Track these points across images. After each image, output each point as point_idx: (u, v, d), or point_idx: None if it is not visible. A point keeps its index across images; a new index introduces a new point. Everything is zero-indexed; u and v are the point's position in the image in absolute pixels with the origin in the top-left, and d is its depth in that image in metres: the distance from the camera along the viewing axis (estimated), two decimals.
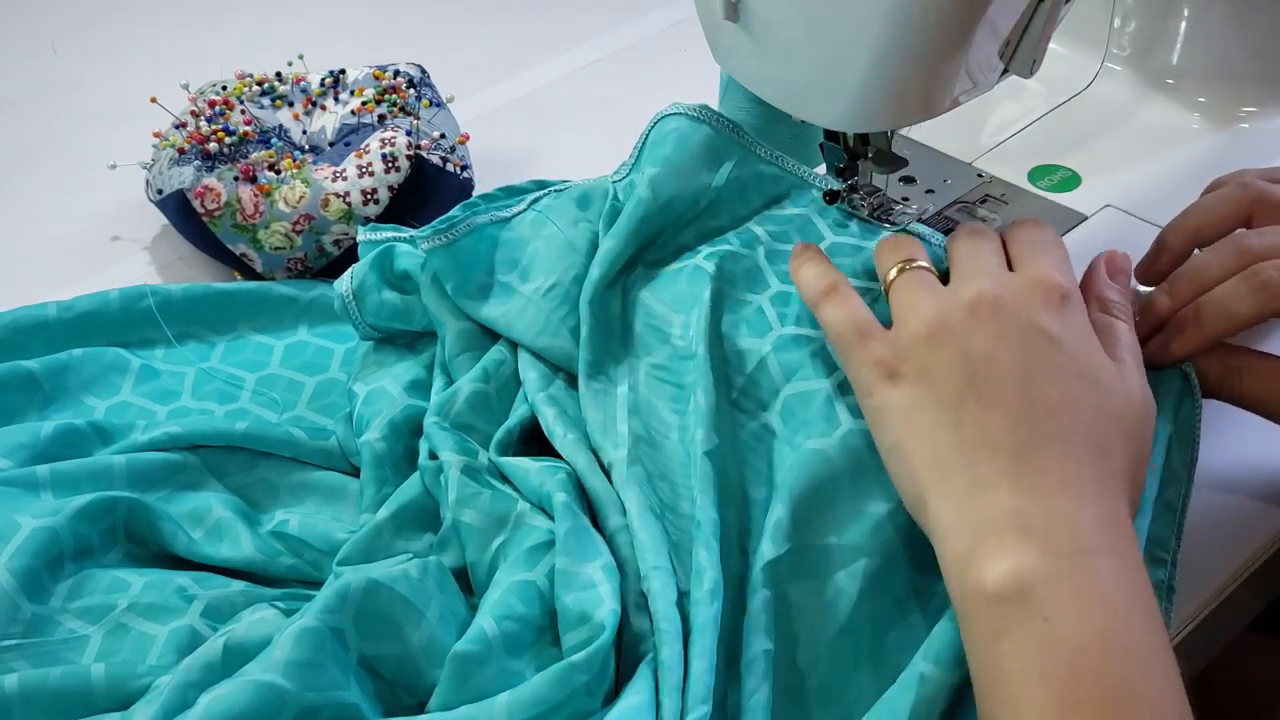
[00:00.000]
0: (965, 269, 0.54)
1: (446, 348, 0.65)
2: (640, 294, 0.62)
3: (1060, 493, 0.48)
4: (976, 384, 0.50)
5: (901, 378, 0.52)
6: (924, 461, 0.50)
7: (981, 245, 0.55)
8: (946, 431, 0.50)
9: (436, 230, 0.64)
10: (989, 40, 0.57)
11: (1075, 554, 0.47)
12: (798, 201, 0.65)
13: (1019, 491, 0.48)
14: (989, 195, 0.70)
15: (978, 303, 0.52)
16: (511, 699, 0.49)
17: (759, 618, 0.52)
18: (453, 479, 0.57)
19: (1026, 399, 0.50)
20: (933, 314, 0.52)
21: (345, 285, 0.67)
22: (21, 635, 0.55)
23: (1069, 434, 0.49)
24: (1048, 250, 0.55)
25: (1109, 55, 0.77)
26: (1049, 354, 0.51)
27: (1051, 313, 0.52)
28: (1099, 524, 0.48)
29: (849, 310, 0.55)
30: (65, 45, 1.07)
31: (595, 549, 0.54)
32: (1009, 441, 0.49)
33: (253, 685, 0.48)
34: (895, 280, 0.55)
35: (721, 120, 0.65)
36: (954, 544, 0.49)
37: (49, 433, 0.63)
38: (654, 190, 0.63)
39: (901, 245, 0.57)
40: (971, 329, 0.51)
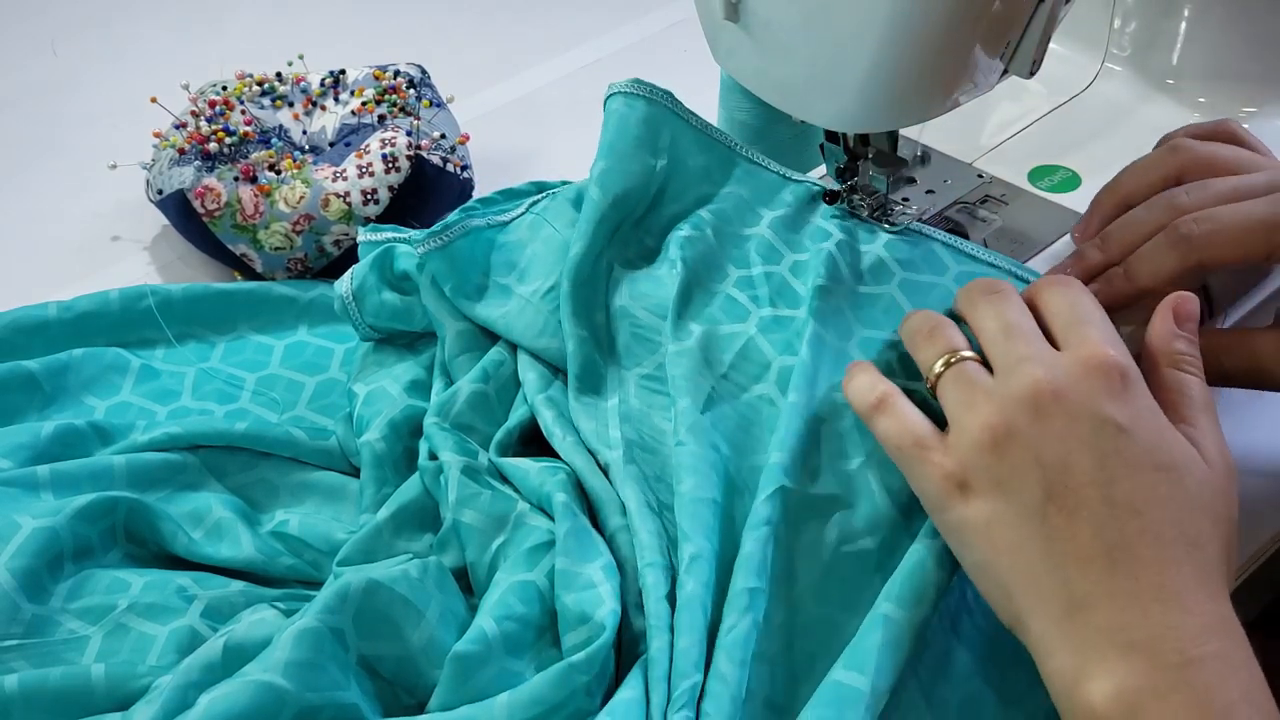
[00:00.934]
0: (1006, 350, 0.51)
1: (446, 348, 0.65)
2: (623, 303, 0.62)
3: (1159, 600, 0.46)
4: (1055, 493, 0.48)
5: (974, 491, 0.49)
6: (1016, 581, 0.48)
7: (1012, 316, 0.53)
8: (1034, 547, 0.48)
9: (431, 234, 0.64)
10: (989, 40, 0.57)
11: (1183, 667, 0.45)
12: (737, 177, 0.66)
13: (1116, 604, 0.46)
14: (989, 195, 0.70)
15: (1037, 398, 0.49)
16: (511, 699, 0.49)
17: (749, 558, 0.52)
18: (453, 479, 0.57)
19: (1109, 500, 0.48)
20: (994, 419, 0.49)
21: (345, 286, 0.67)
22: (22, 635, 0.55)
23: (1158, 531, 0.47)
24: (1091, 320, 0.52)
25: (1109, 55, 0.77)
26: (1122, 446, 0.48)
27: (1116, 399, 0.49)
28: (1204, 630, 0.46)
29: (903, 423, 0.52)
30: (65, 45, 1.07)
31: (595, 549, 0.54)
32: (1099, 549, 0.47)
33: (253, 685, 0.48)
34: (942, 376, 0.52)
35: (655, 90, 0.65)
36: (1059, 664, 0.47)
37: (49, 433, 0.63)
38: (603, 188, 0.63)
39: (938, 332, 0.54)
40: (1038, 431, 0.49)
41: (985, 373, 0.51)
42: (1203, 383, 0.53)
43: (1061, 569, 0.47)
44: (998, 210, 0.69)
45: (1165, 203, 0.59)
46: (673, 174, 0.65)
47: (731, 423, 0.57)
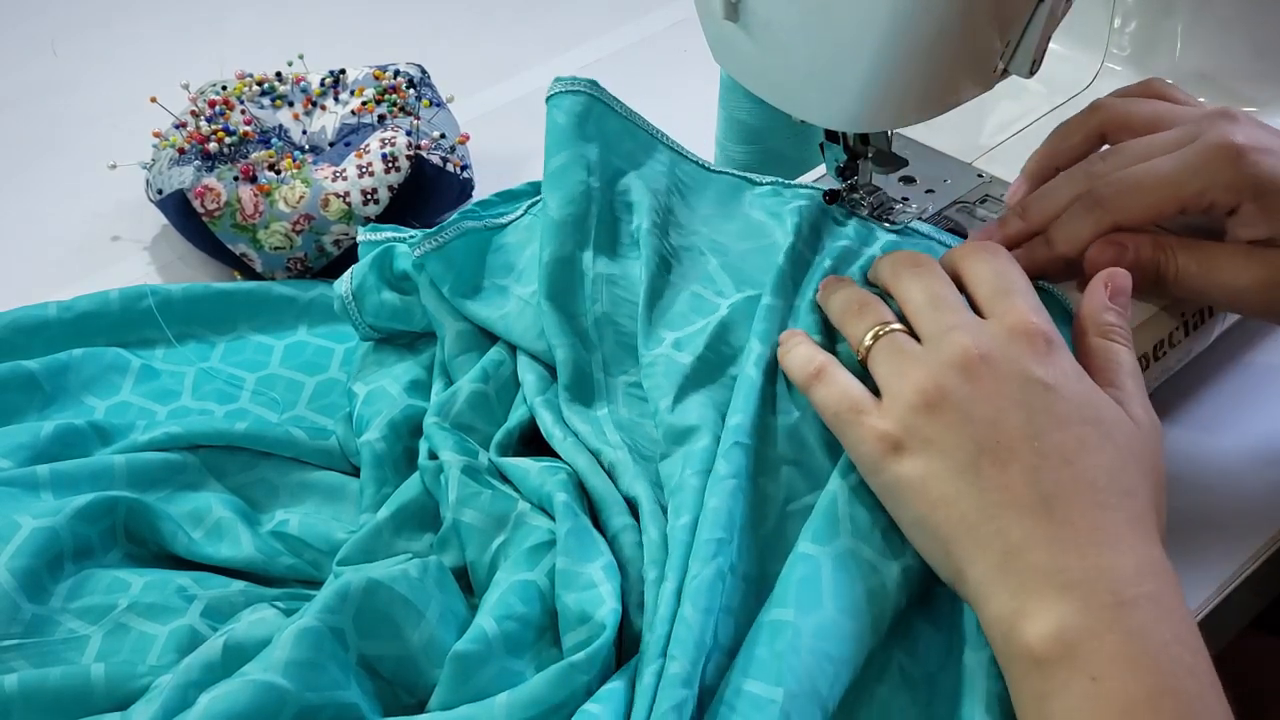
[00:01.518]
0: (934, 320, 0.53)
1: (446, 348, 0.65)
2: (606, 310, 0.62)
3: (1094, 544, 0.48)
4: (987, 447, 0.50)
5: (907, 450, 0.51)
6: (953, 533, 0.49)
7: (938, 288, 0.55)
8: (969, 499, 0.49)
9: (428, 235, 0.64)
10: (989, 40, 0.57)
11: (1117, 607, 0.46)
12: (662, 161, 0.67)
13: (1053, 548, 0.48)
14: (989, 195, 0.70)
15: (966, 362, 0.51)
16: (511, 699, 0.49)
17: (715, 511, 0.52)
18: (453, 479, 0.57)
19: (1040, 452, 0.49)
20: (925, 381, 0.51)
21: (345, 286, 0.67)
22: (21, 635, 0.55)
23: (1091, 479, 0.49)
24: (1015, 288, 0.54)
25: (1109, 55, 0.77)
26: (1051, 403, 0.50)
27: (1041, 361, 0.51)
28: (1138, 573, 0.47)
29: (839, 388, 0.54)
30: (65, 45, 1.07)
31: (596, 549, 0.54)
32: (1033, 497, 0.49)
33: (253, 685, 0.48)
34: (872, 349, 0.54)
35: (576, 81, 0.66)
36: (995, 608, 0.48)
37: (49, 433, 0.63)
38: (547, 211, 0.64)
39: (867, 308, 0.56)
40: (968, 392, 0.51)
41: (914, 342, 0.53)
42: (1130, 351, 0.55)
43: (997, 518, 0.49)
44: (998, 210, 0.69)
45: (1082, 170, 0.61)
46: (605, 160, 0.65)
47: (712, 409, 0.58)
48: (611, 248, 0.64)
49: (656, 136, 0.68)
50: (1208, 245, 0.60)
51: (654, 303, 0.61)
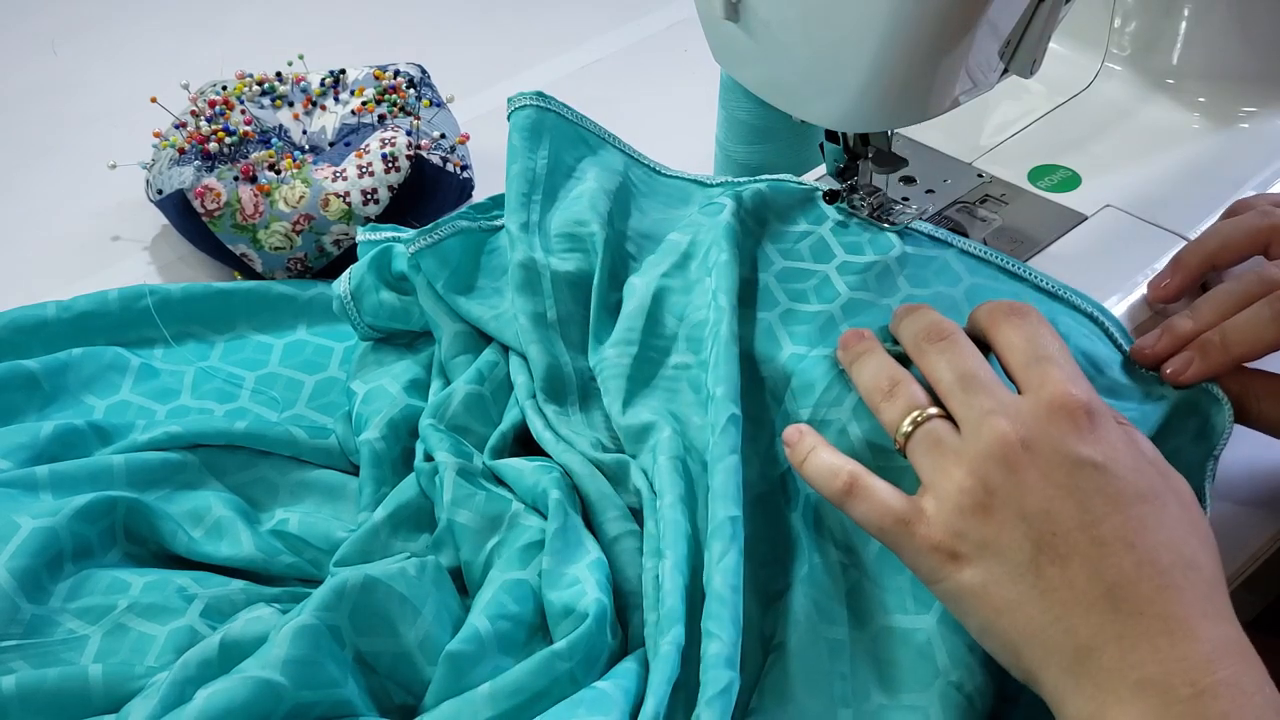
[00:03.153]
0: (967, 404, 0.51)
1: (443, 349, 0.65)
2: (566, 311, 0.63)
3: (1165, 633, 0.46)
4: (1044, 544, 0.47)
5: (964, 559, 0.49)
6: (1021, 638, 0.48)
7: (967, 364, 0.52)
8: (1032, 602, 0.47)
9: (423, 233, 0.65)
10: (989, 40, 0.56)
11: (1196, 699, 0.44)
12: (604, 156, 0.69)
13: (1124, 643, 0.46)
14: (989, 195, 0.70)
15: (1007, 452, 0.48)
16: (493, 688, 0.49)
17: (724, 487, 0.53)
18: (448, 480, 0.57)
19: (1098, 540, 0.47)
20: (969, 481, 0.49)
21: (343, 286, 0.67)
22: (21, 636, 0.55)
23: (1154, 560, 0.47)
24: (1050, 356, 0.52)
25: (1109, 55, 0.77)
26: (1101, 484, 0.48)
27: (1085, 438, 0.49)
28: (1214, 656, 0.45)
29: (879, 503, 0.51)
30: (65, 45, 1.07)
31: (583, 548, 0.54)
32: (1098, 591, 0.47)
33: (250, 681, 0.48)
34: (911, 439, 0.52)
35: (523, 96, 0.69)
36: (1073, 711, 0.46)
37: (48, 433, 0.63)
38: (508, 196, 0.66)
39: (898, 390, 0.53)
40: (1014, 486, 0.48)
41: (952, 430, 0.51)
42: (1134, 426, 0.52)
43: (1064, 619, 0.47)
44: (998, 210, 0.69)
45: (1258, 277, 0.58)
46: (554, 167, 0.67)
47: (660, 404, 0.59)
48: (565, 249, 0.64)
49: (609, 141, 0.69)
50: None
51: (602, 304, 0.62)
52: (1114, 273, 0.65)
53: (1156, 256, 0.65)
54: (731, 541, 0.51)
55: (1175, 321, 0.59)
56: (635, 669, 0.51)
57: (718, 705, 0.47)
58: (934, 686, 0.51)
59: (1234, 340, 0.57)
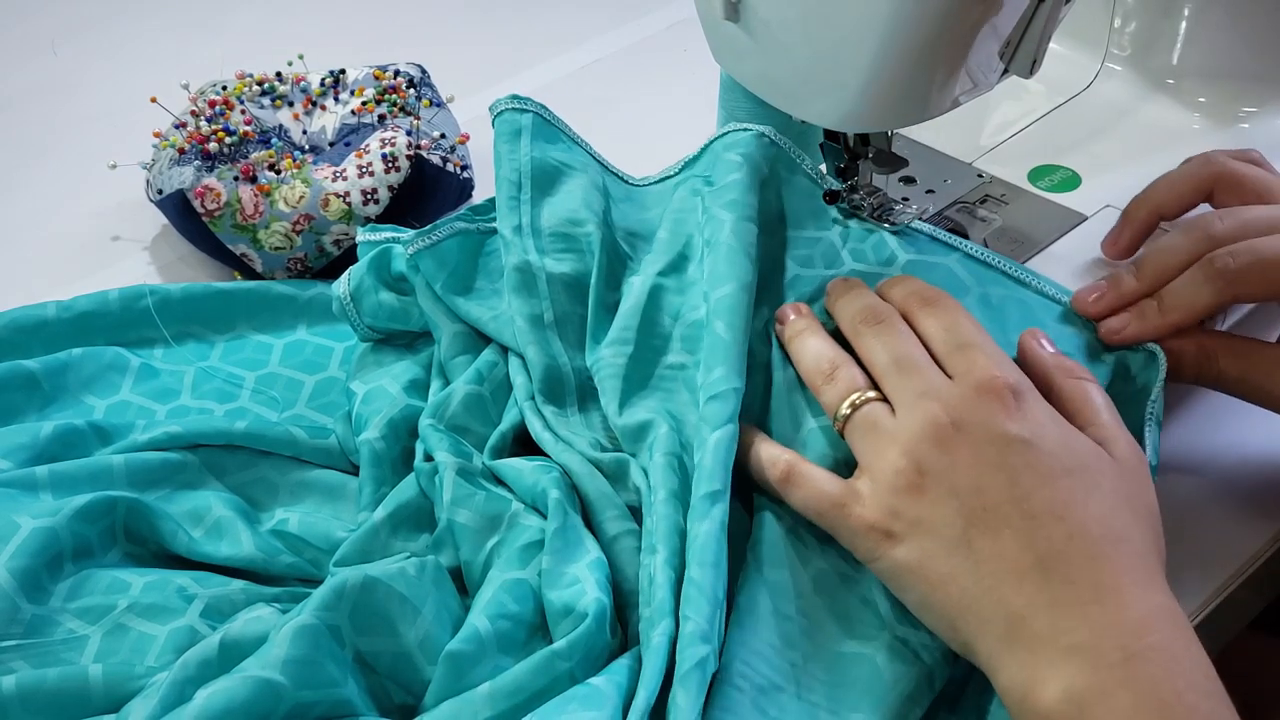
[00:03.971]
0: (900, 386, 0.53)
1: (443, 349, 0.65)
2: (562, 311, 0.63)
3: (1096, 600, 0.47)
4: (975, 518, 0.49)
5: (898, 536, 0.50)
6: (956, 610, 0.49)
7: (901, 347, 0.54)
8: (966, 574, 0.49)
9: (421, 234, 0.65)
10: (989, 40, 0.56)
11: (1125, 663, 0.45)
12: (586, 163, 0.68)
13: (1055, 611, 0.47)
14: (989, 195, 0.70)
15: (938, 433, 0.51)
16: (493, 688, 0.49)
17: (706, 469, 0.53)
18: (447, 480, 0.57)
19: (1029, 513, 0.49)
20: (902, 462, 0.51)
21: (343, 287, 0.67)
22: (21, 636, 0.55)
23: (1083, 532, 0.48)
24: (972, 342, 0.54)
25: (1109, 55, 0.77)
26: (1030, 459, 0.50)
27: (1013, 416, 0.51)
28: (1144, 623, 0.46)
29: (815, 488, 0.53)
30: (65, 45, 1.07)
31: (582, 547, 0.54)
32: (1029, 561, 0.48)
33: (250, 681, 0.48)
34: (849, 421, 0.54)
35: (508, 101, 0.68)
36: (1007, 678, 0.48)
37: (48, 433, 0.63)
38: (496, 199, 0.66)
39: (839, 374, 0.55)
40: (947, 465, 0.50)
41: (888, 413, 0.53)
42: (1099, 386, 0.55)
43: (996, 589, 0.48)
44: (998, 210, 0.69)
45: (1200, 230, 0.59)
46: (540, 166, 0.66)
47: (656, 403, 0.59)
48: (560, 250, 0.64)
49: (584, 148, 0.69)
50: (1253, 347, 0.59)
51: (600, 304, 0.62)
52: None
53: None
54: (705, 519, 0.52)
55: (1119, 277, 0.60)
56: (629, 664, 0.51)
57: (693, 679, 0.48)
58: (880, 638, 0.52)
59: (1170, 305, 0.58)
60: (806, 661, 0.51)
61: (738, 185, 0.62)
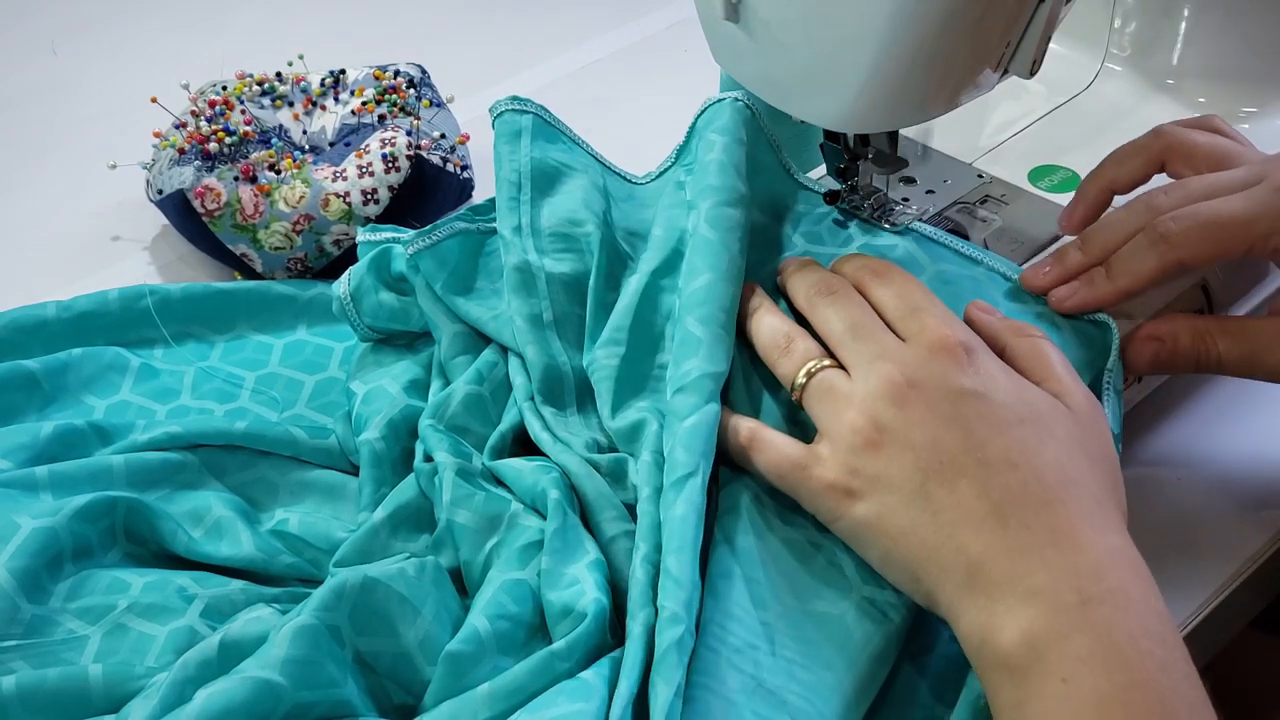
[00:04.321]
0: (855, 350, 0.54)
1: (443, 349, 0.65)
2: (562, 311, 0.63)
3: (1052, 544, 0.48)
4: (932, 470, 0.50)
5: (858, 494, 0.51)
6: (917, 561, 0.50)
7: (854, 314, 0.55)
8: (925, 525, 0.50)
9: (421, 234, 0.65)
10: (989, 40, 0.56)
11: (1081, 606, 0.46)
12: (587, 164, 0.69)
13: (1012, 556, 0.48)
14: (989, 195, 0.70)
15: (894, 391, 0.52)
16: (492, 688, 0.49)
17: (675, 457, 0.54)
18: (447, 480, 0.57)
19: (983, 462, 0.50)
20: (860, 420, 0.52)
21: (343, 287, 0.67)
22: (21, 636, 0.55)
23: (1039, 478, 0.49)
24: (921, 306, 0.55)
25: (1109, 55, 0.77)
26: (984, 410, 0.51)
27: (965, 371, 0.52)
28: (1101, 567, 0.47)
29: (776, 451, 0.54)
30: (65, 45, 1.07)
31: (582, 548, 0.54)
32: (985, 508, 0.49)
33: (250, 682, 0.48)
34: (805, 389, 0.55)
35: (509, 102, 0.68)
36: (967, 624, 0.48)
37: (48, 433, 0.63)
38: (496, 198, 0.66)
39: (794, 344, 0.56)
40: (903, 421, 0.51)
41: (842, 376, 0.54)
42: (1050, 342, 0.55)
43: (954, 537, 0.49)
44: (998, 210, 0.69)
45: (1144, 203, 0.60)
46: (539, 166, 0.66)
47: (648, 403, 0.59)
48: (560, 250, 0.64)
49: (585, 149, 0.69)
50: (1249, 324, 0.59)
51: (600, 304, 0.62)
52: None
53: None
54: (675, 503, 0.52)
55: (1065, 251, 0.61)
56: (616, 657, 0.51)
57: (669, 660, 0.48)
58: (849, 599, 0.52)
59: (1117, 271, 0.59)
60: (778, 620, 0.52)
61: (713, 168, 0.62)
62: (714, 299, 0.58)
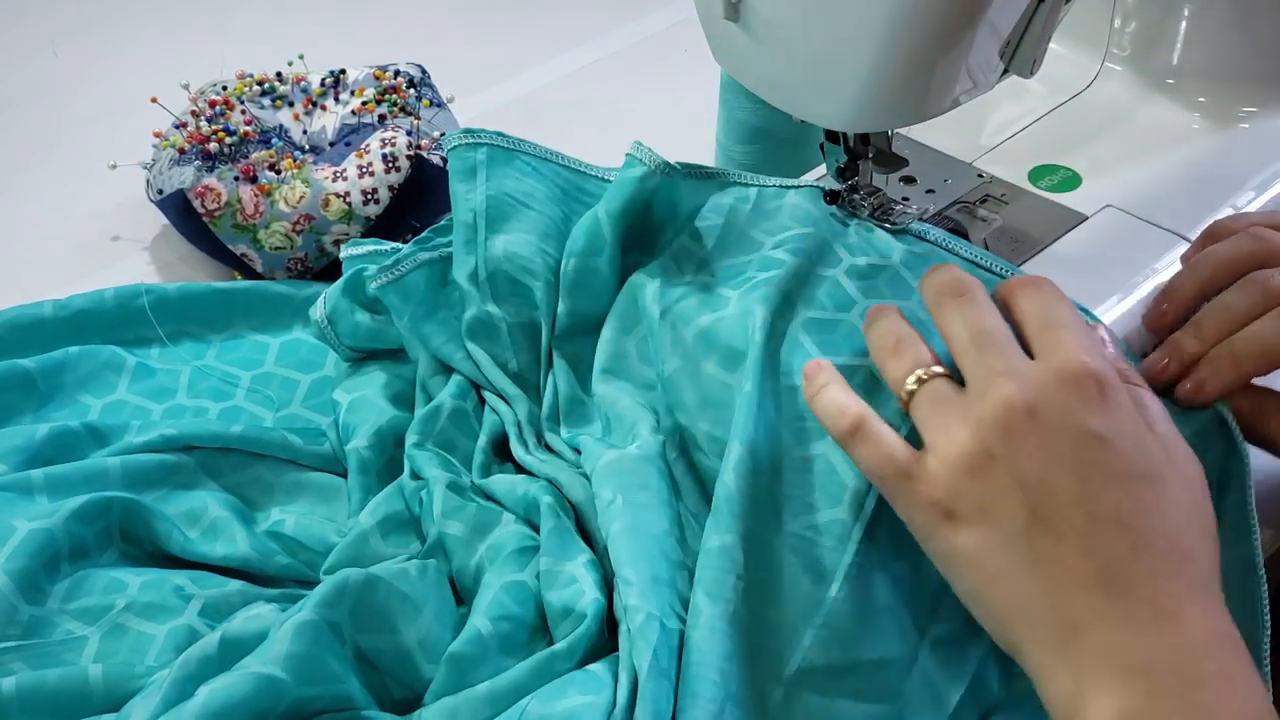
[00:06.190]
0: (977, 363, 0.50)
1: (421, 369, 0.66)
2: (528, 362, 0.64)
3: (1155, 619, 0.45)
4: (1040, 515, 0.46)
5: (960, 519, 0.48)
6: (1009, 609, 0.47)
7: (983, 322, 0.51)
8: (1023, 574, 0.47)
9: (383, 268, 0.65)
10: (989, 40, 0.56)
11: (1184, 689, 0.44)
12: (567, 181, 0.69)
13: (1113, 626, 0.45)
14: (989, 195, 0.70)
15: (1010, 418, 0.47)
16: (493, 688, 0.50)
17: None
18: (438, 494, 0.58)
19: (1094, 517, 0.46)
20: (970, 444, 0.48)
21: (319, 311, 0.67)
22: (19, 637, 0.55)
23: (1147, 544, 0.46)
24: (1064, 323, 0.50)
25: (1109, 55, 0.77)
26: (1103, 459, 0.47)
27: (1094, 409, 0.47)
28: (1203, 648, 0.45)
29: (883, 450, 0.50)
30: (65, 45, 1.07)
31: (577, 547, 0.55)
32: (1089, 570, 0.46)
33: (251, 678, 0.48)
34: (914, 396, 0.51)
35: (462, 135, 0.67)
36: (1056, 689, 0.46)
37: (43, 435, 0.63)
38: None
39: (904, 347, 0.52)
40: (1015, 452, 0.47)
41: (957, 390, 0.50)
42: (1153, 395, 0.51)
43: (1053, 594, 0.46)
44: (998, 210, 0.69)
45: (1259, 287, 0.57)
46: (496, 201, 0.66)
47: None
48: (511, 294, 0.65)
49: (552, 159, 0.69)
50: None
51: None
52: (1114, 273, 0.65)
53: (1156, 257, 0.65)
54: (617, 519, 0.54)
55: (1181, 340, 0.57)
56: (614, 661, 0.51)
57: (647, 634, 0.49)
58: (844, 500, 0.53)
59: (1243, 353, 0.55)
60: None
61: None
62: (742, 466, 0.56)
